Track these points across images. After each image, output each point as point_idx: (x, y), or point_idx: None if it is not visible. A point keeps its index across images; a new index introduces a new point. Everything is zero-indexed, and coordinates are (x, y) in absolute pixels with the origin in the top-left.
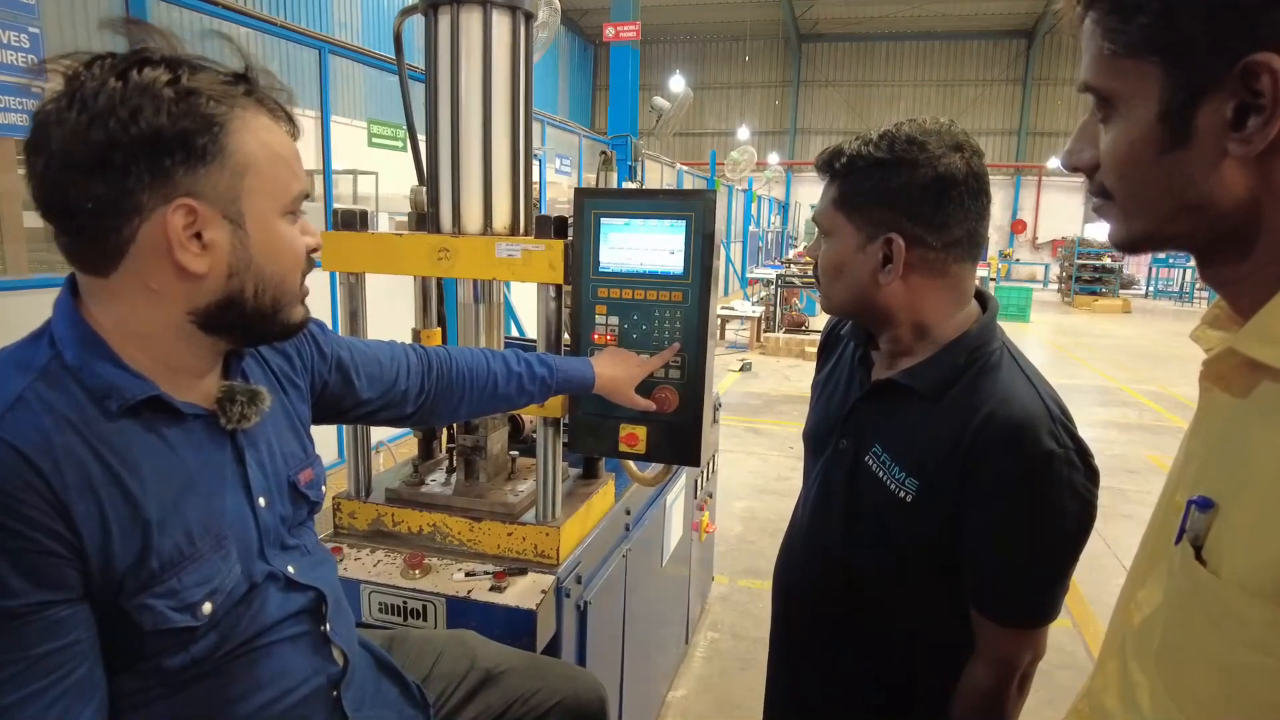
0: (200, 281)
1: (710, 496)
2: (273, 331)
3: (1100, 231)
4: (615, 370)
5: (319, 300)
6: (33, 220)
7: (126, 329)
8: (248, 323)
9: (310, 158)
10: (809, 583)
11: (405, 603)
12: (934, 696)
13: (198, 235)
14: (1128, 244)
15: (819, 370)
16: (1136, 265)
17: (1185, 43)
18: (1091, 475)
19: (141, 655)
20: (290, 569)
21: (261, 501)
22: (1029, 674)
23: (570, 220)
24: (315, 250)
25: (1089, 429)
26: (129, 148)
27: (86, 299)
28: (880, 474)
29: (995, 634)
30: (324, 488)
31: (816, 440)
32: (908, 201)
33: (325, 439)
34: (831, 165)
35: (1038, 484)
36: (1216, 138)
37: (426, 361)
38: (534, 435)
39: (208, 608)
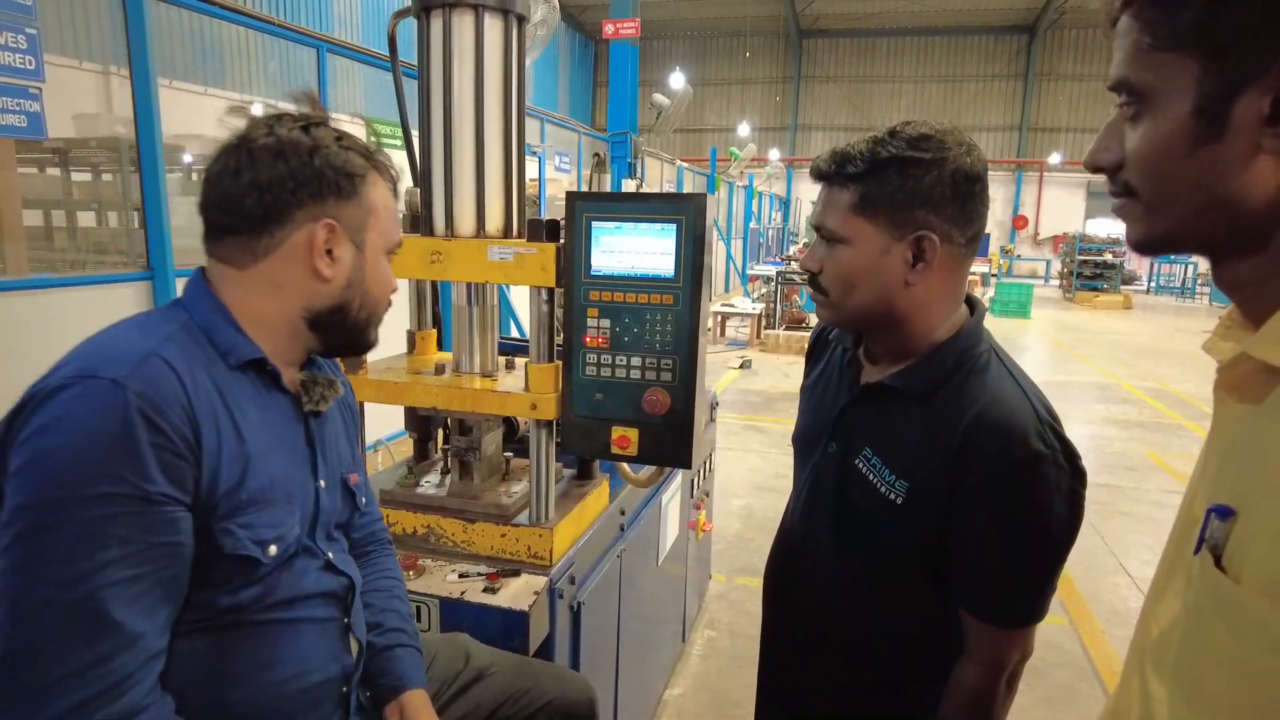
0: (326, 285)
1: (707, 495)
2: (358, 343)
3: (1102, 227)
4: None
5: None
6: (32, 219)
7: (247, 311)
8: (344, 329)
9: None
10: (799, 585)
11: None
12: (923, 696)
13: (329, 251)
14: (1148, 244)
15: (807, 374)
16: (1139, 261)
17: (1230, 37)
18: (1079, 477)
19: (205, 583)
20: (330, 554)
21: (322, 484)
22: (1017, 673)
23: (562, 223)
24: (393, 292)
25: (1088, 426)
26: (302, 176)
27: (217, 284)
28: (870, 476)
29: (984, 634)
30: (363, 500)
31: (805, 444)
32: (939, 199)
33: None
34: (844, 169)
35: (1025, 485)
36: (1251, 132)
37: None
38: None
39: (273, 550)
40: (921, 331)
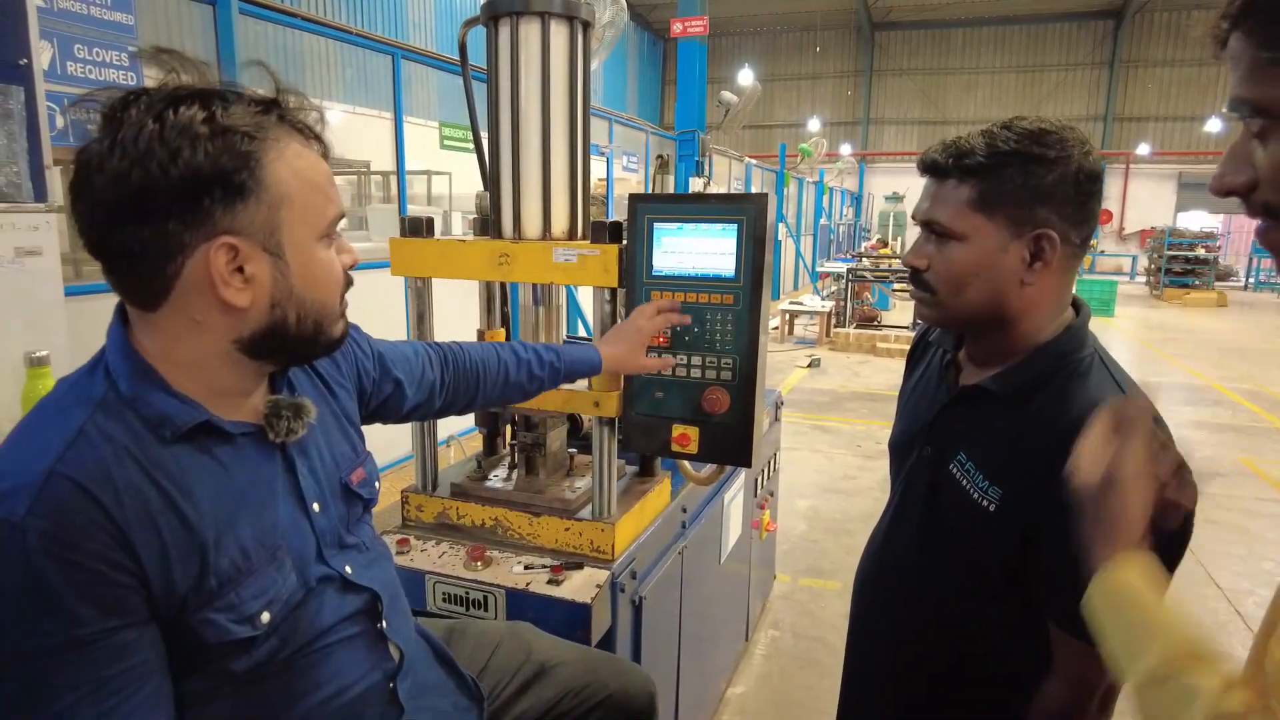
0: (244, 314)
1: (771, 495)
2: (316, 352)
3: (1195, 220)
4: (618, 348)
5: (393, 303)
6: None
7: (174, 358)
8: (290, 348)
9: (385, 159)
10: (885, 592)
11: (468, 593)
12: (1009, 713)
13: (239, 270)
14: None
15: (907, 379)
16: (1235, 255)
17: None
18: None
19: (209, 659)
20: (348, 568)
21: (315, 507)
22: (1111, 696)
23: (625, 225)
24: (352, 266)
25: (1174, 429)
26: (169, 190)
27: (136, 329)
28: (963, 482)
29: (1073, 650)
30: (377, 483)
31: (901, 449)
32: (1061, 198)
33: (397, 434)
34: (961, 163)
35: None
36: None
37: (442, 355)
38: None
39: (266, 617)
40: (1027, 333)
